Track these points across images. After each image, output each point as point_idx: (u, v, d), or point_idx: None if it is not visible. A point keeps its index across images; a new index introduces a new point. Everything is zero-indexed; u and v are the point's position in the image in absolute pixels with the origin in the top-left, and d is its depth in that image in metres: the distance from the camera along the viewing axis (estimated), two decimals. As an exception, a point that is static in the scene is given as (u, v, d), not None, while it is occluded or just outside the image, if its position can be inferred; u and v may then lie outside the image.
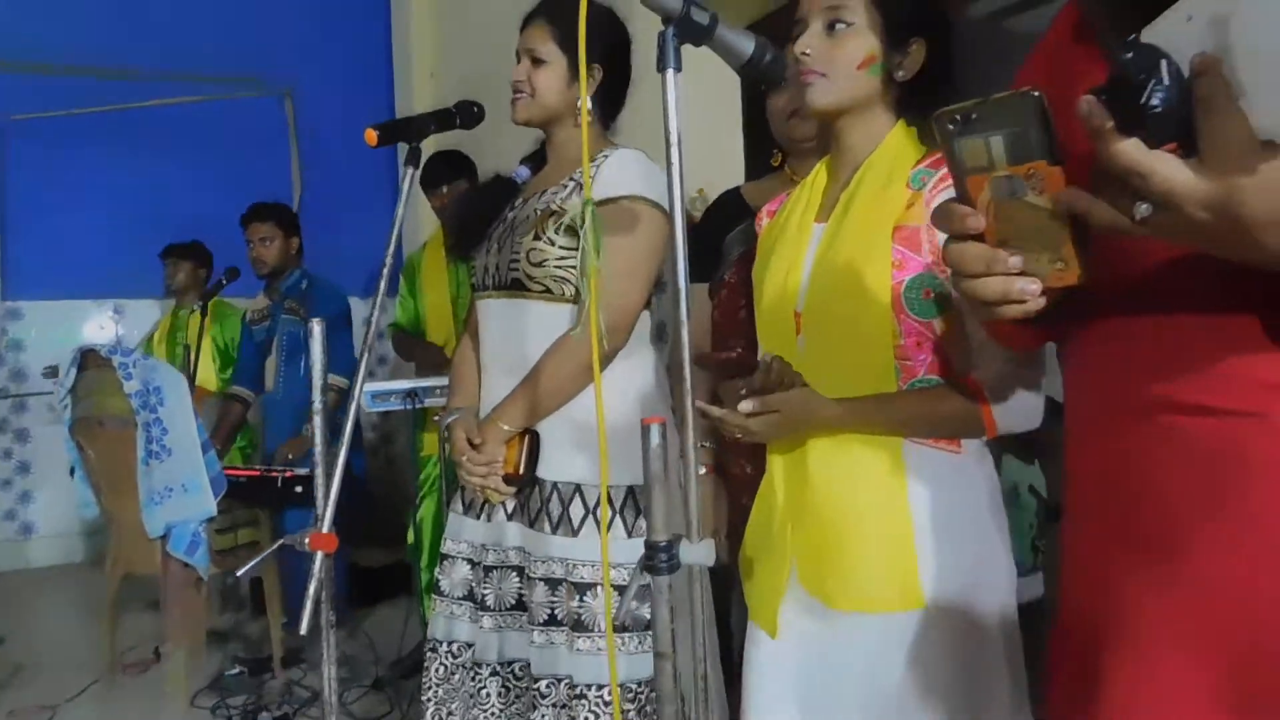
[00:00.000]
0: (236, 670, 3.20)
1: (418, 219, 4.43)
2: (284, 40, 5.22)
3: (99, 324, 5.14)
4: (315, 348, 1.47)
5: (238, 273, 3.26)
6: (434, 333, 3.16)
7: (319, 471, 1.47)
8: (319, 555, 1.42)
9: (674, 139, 1.01)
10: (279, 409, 3.46)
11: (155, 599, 3.89)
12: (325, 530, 1.44)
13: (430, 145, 1.75)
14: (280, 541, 1.49)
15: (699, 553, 1.03)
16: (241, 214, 3.65)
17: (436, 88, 5.01)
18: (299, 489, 2.91)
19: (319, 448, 1.47)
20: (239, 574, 1.65)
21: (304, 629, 1.38)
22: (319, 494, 1.45)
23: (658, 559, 1.02)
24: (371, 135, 1.45)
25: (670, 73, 1.00)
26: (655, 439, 1.02)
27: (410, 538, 3.11)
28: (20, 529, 4.99)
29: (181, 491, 2.78)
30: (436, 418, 2.70)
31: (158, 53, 5.06)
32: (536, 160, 1.78)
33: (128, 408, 2.81)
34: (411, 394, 2.62)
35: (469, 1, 4.65)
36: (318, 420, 1.49)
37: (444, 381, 2.53)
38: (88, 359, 2.91)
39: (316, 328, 1.47)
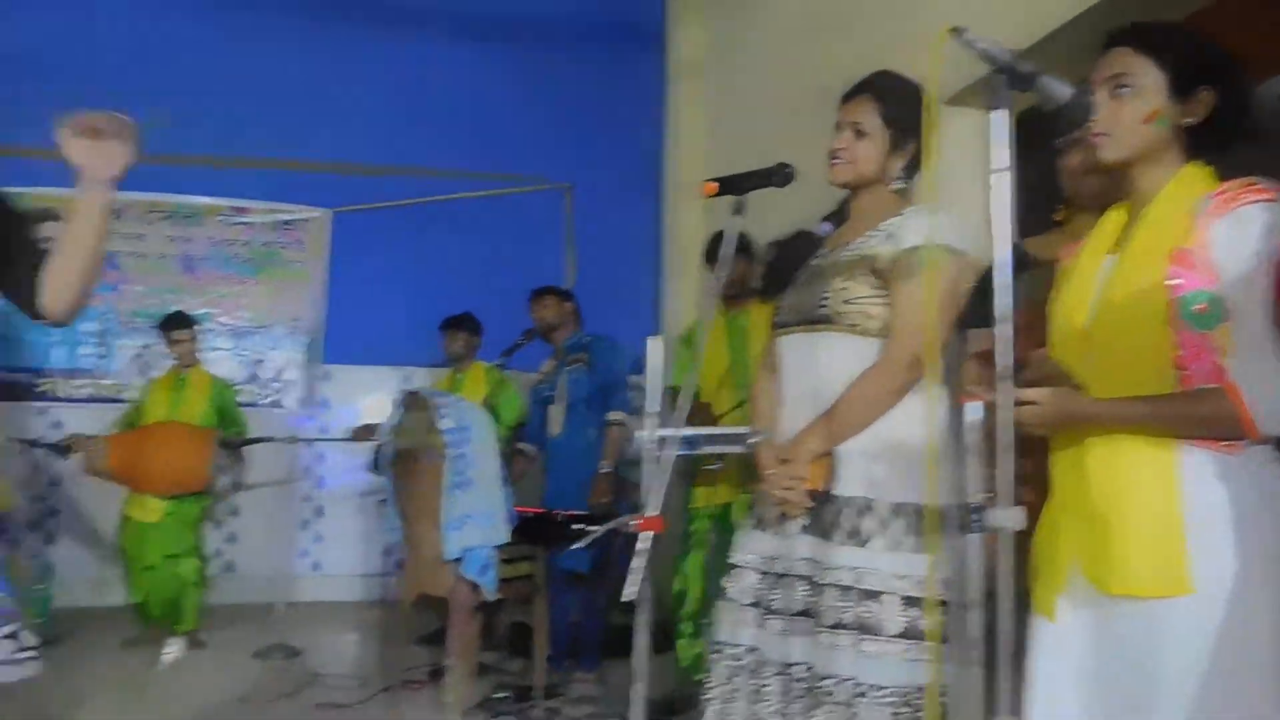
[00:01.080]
0: (504, 694, 3.49)
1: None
2: (566, 143, 5.89)
3: (391, 389, 5.83)
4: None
5: (535, 334, 3.72)
6: (708, 394, 3.43)
7: (647, 461, 1.73)
8: (645, 535, 1.67)
9: (999, 166, 1.21)
10: (561, 451, 3.83)
11: (426, 634, 4.34)
12: (650, 514, 1.70)
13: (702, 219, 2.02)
14: (610, 524, 1.76)
15: (1009, 517, 1.19)
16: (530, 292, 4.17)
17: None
18: (576, 526, 3.21)
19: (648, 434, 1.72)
20: (579, 545, 1.91)
21: (626, 596, 1.62)
22: (648, 482, 1.71)
23: (969, 519, 1.19)
24: (712, 186, 1.75)
25: (1000, 112, 1.21)
26: (973, 415, 1.20)
27: (676, 585, 3.33)
28: (312, 565, 5.66)
29: (480, 519, 3.16)
30: (711, 466, 2.95)
31: (457, 154, 5.85)
32: (837, 218, 2.03)
33: (440, 443, 3.24)
34: (691, 441, 2.86)
35: (736, 114, 5.12)
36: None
37: (719, 432, 2.76)
38: (408, 399, 3.39)
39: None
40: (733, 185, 1.79)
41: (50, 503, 5.33)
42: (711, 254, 3.39)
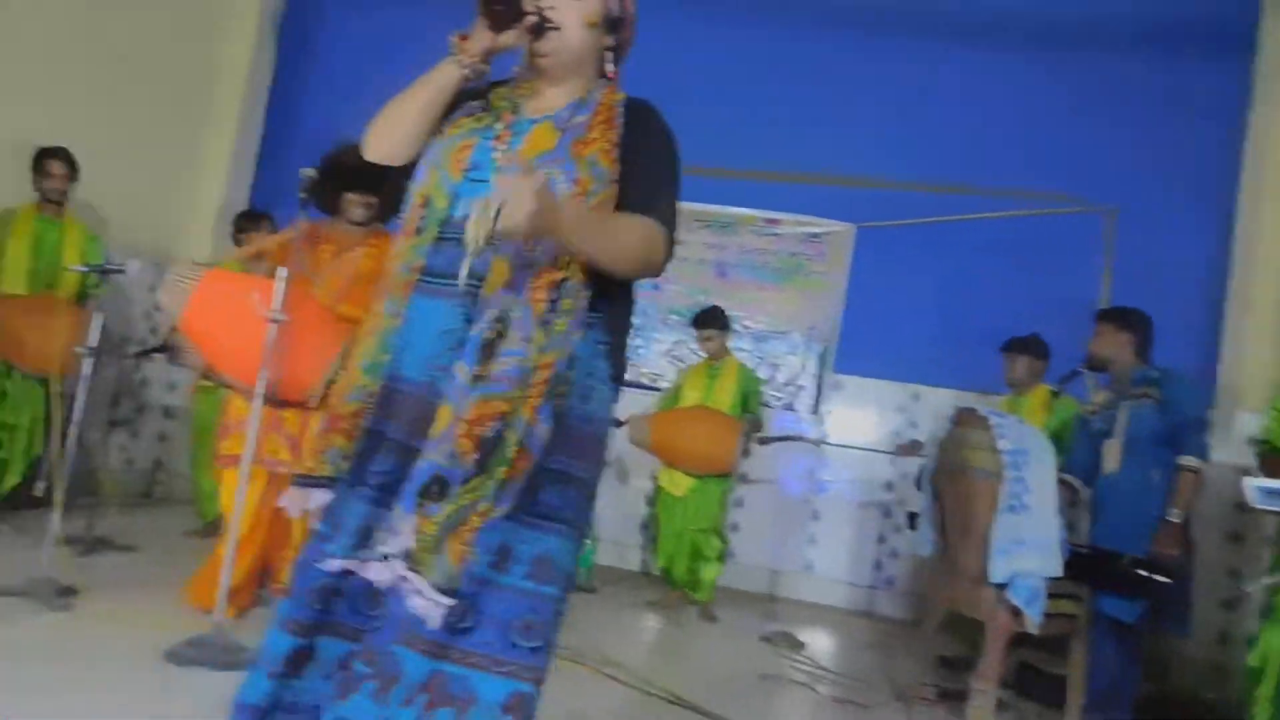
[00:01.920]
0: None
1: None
2: (1114, 160, 5.45)
3: (897, 405, 5.85)
4: None
5: (1097, 364, 3.49)
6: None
7: None
8: None
9: None
10: (1115, 489, 3.53)
11: (946, 655, 4.28)
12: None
13: None
14: None
15: None
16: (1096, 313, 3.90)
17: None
18: (1140, 572, 2.94)
19: None
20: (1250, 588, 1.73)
21: None
22: None
23: None
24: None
25: None
26: None
27: (1251, 659, 2.92)
28: (804, 565, 5.86)
29: (1033, 546, 3.02)
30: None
31: (988, 172, 5.68)
32: None
33: (994, 463, 3.16)
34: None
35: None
36: None
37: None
38: (961, 416, 3.35)
39: None
40: None
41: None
42: None
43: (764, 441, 4.84)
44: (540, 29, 1.51)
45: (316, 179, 3.10)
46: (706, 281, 6.11)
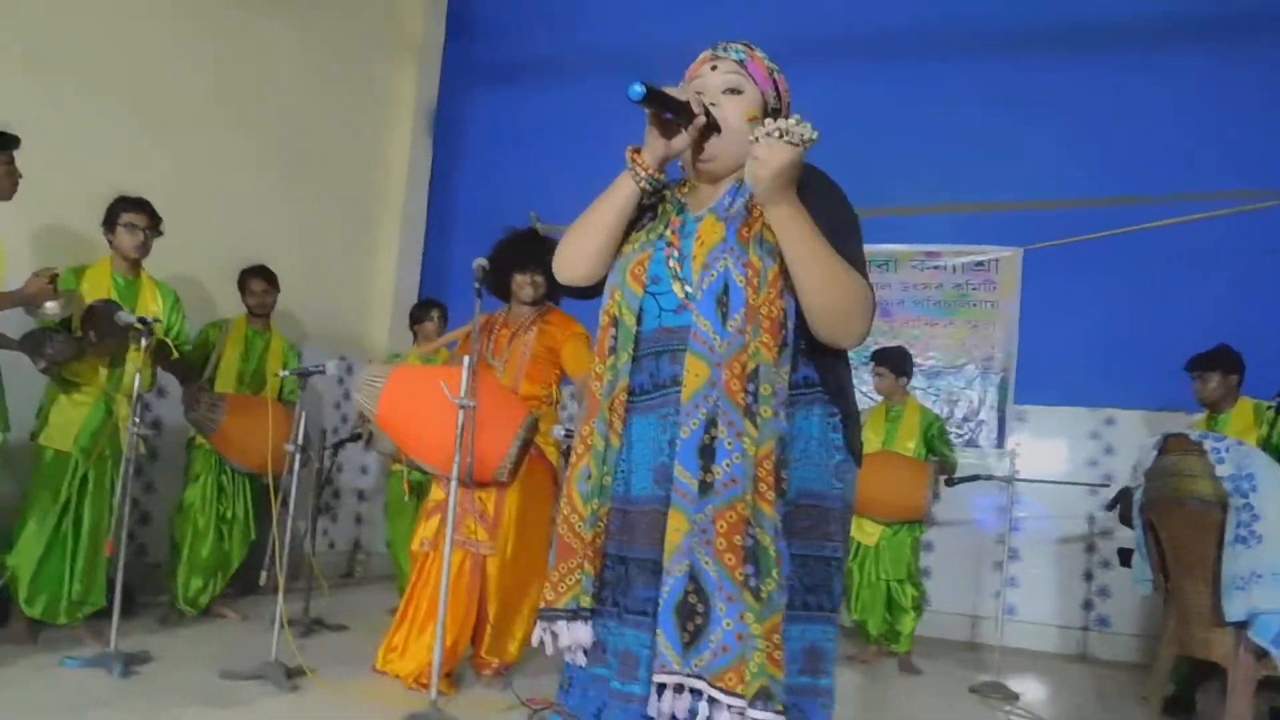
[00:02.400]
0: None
1: None
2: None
3: (1089, 431, 5.52)
4: None
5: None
6: None
7: None
8: None
9: None
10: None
11: (1168, 696, 3.96)
12: None
13: None
14: None
15: None
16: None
17: None
18: None
19: None
20: None
21: None
22: None
23: None
24: None
25: None
26: None
27: None
28: (1006, 609, 5.55)
29: (1270, 580, 2.76)
30: None
31: (1157, 178, 5.36)
32: None
33: (1213, 491, 2.93)
34: None
35: None
36: None
37: None
38: (1169, 443, 3.12)
39: None
40: None
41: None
42: None
43: (950, 483, 4.66)
44: (709, 131, 1.51)
45: (488, 268, 3.24)
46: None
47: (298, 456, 3.59)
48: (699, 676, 1.31)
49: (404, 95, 6.85)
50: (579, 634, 1.47)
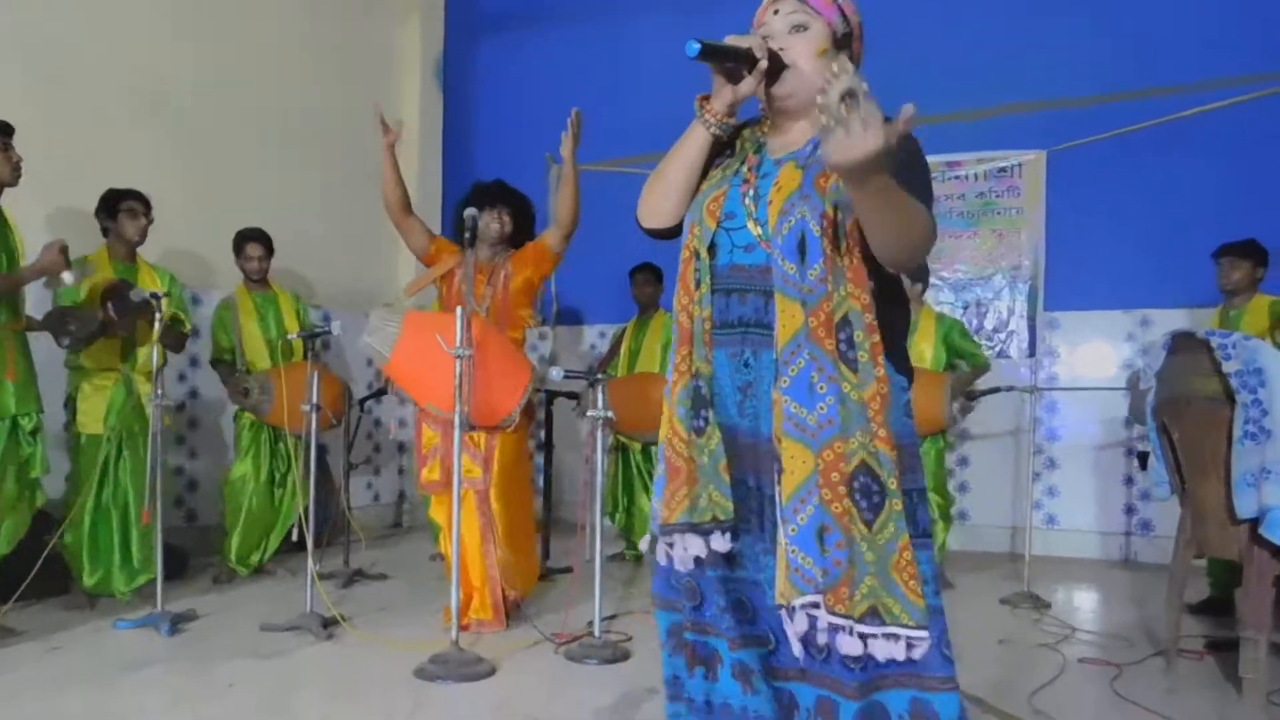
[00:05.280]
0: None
1: None
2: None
3: (1126, 333, 5.38)
4: None
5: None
6: None
7: None
8: None
9: None
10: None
11: (1198, 603, 3.91)
12: None
13: None
14: None
15: None
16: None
17: None
18: None
19: None
20: None
21: None
22: None
23: None
24: None
25: None
26: None
27: None
28: (1046, 519, 5.51)
29: (1279, 475, 2.69)
30: None
31: (1184, 66, 5.12)
32: None
33: (1220, 389, 2.85)
34: None
35: None
36: None
37: None
38: (1179, 342, 3.04)
39: None
40: None
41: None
42: None
43: (972, 396, 4.55)
44: (775, 72, 1.51)
45: (476, 216, 3.29)
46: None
47: (313, 415, 3.70)
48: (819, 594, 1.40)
49: (410, 50, 6.82)
50: (694, 546, 1.53)
